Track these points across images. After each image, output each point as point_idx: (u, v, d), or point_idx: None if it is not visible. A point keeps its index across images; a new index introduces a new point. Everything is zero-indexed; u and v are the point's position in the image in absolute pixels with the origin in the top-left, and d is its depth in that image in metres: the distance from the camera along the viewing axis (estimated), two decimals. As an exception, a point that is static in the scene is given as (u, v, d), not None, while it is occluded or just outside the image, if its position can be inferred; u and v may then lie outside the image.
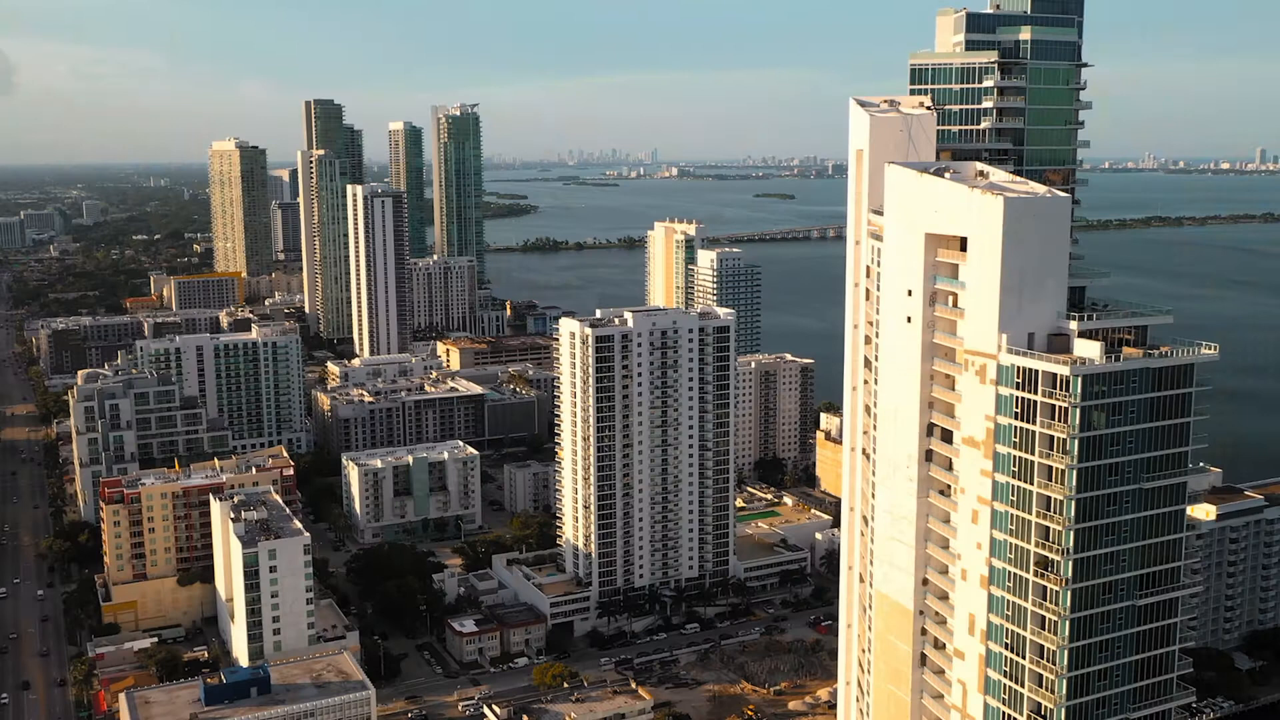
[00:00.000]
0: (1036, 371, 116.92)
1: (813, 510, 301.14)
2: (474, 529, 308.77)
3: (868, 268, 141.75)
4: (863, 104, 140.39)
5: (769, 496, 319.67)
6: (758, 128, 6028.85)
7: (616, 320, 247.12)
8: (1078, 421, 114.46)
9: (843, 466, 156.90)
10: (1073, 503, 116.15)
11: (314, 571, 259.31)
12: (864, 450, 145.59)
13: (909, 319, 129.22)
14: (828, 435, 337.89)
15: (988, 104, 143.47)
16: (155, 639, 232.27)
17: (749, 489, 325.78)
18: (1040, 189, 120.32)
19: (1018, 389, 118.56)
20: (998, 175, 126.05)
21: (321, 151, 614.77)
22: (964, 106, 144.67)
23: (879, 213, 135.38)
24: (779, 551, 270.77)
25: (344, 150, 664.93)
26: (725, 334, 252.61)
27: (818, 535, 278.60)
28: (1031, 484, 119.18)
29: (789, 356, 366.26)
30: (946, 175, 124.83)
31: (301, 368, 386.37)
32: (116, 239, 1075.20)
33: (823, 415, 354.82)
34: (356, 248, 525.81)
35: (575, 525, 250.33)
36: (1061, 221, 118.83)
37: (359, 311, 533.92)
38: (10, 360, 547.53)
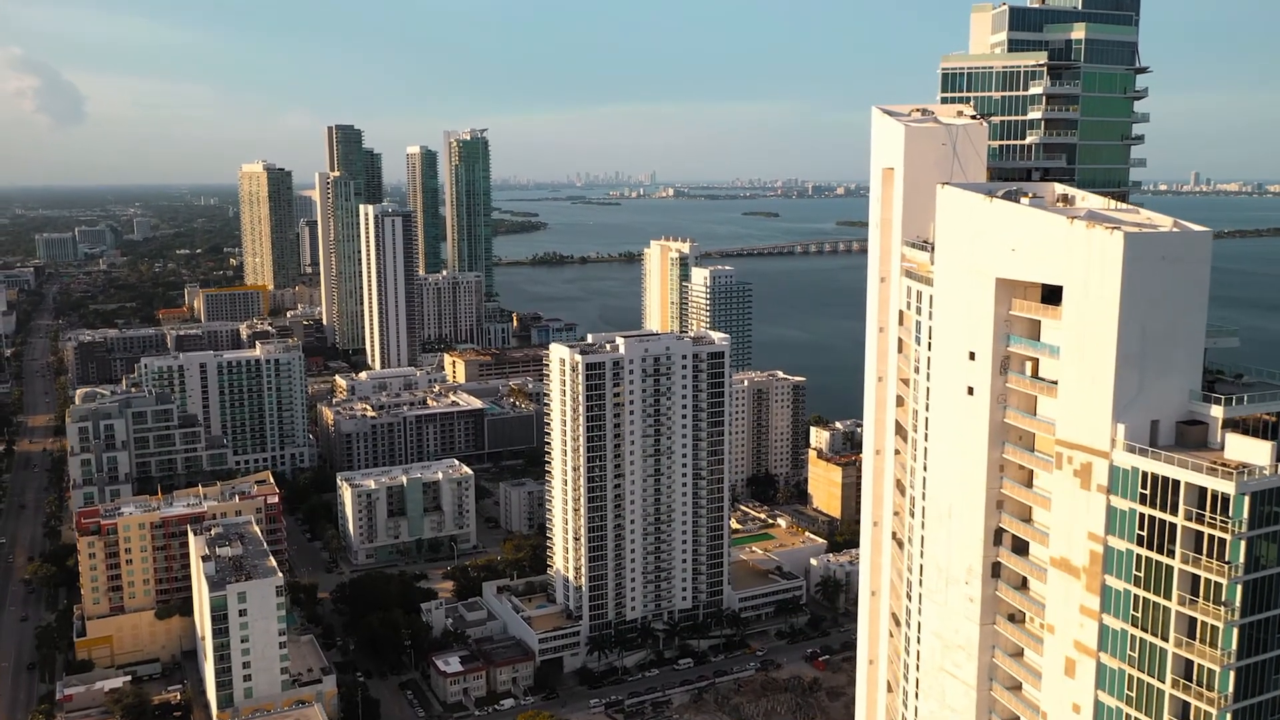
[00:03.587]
0: (1174, 482, 72.91)
1: (807, 533, 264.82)
2: (468, 548, 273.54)
3: (901, 313, 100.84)
4: (890, 114, 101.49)
5: (763, 516, 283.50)
6: (745, 152, 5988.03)
7: (608, 346, 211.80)
8: (1242, 558, 69.58)
9: (860, 540, 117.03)
10: (1230, 673, 71.52)
11: (301, 600, 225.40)
12: (894, 536, 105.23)
13: (970, 390, 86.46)
14: (819, 453, 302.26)
15: (1034, 114, 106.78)
16: (130, 676, 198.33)
17: (742, 507, 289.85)
18: (1164, 221, 77.63)
19: (1142, 503, 74.05)
20: (1090, 200, 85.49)
21: (338, 173, 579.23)
22: (1006, 118, 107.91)
23: (917, 245, 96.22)
24: (774, 579, 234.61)
25: (362, 172, 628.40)
26: (719, 359, 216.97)
27: (813, 561, 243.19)
28: (1165, 640, 74.71)
29: (780, 374, 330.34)
30: (1023, 200, 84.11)
31: (304, 383, 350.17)
32: (161, 253, 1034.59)
33: (813, 430, 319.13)
34: (368, 263, 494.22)
35: (565, 556, 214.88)
36: (1199, 267, 75.26)
37: (370, 324, 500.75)
38: (42, 370, 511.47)
